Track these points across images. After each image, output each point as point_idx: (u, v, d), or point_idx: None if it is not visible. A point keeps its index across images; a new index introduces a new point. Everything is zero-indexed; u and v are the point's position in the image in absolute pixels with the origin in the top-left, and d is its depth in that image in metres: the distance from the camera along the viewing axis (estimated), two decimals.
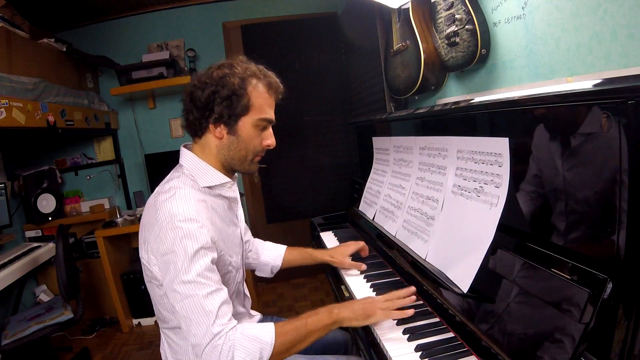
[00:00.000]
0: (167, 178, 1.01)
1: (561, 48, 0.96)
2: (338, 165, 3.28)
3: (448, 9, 1.27)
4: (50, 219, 2.75)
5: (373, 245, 1.49)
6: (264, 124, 1.00)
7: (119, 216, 2.83)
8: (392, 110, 2.01)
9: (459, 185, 1.03)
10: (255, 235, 1.45)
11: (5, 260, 2.18)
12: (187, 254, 0.86)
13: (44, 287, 2.80)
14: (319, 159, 3.27)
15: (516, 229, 0.85)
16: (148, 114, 3.16)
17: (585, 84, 0.66)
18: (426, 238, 1.11)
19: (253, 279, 2.81)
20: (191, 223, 0.88)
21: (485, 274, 0.85)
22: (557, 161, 0.73)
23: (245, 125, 0.97)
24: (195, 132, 1.00)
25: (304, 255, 1.40)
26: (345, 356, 1.24)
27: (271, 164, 3.20)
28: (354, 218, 1.79)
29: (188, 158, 1.01)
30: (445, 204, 1.08)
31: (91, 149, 3.15)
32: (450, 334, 0.92)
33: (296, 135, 3.23)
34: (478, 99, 1.01)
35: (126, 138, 3.17)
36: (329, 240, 1.77)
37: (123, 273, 2.70)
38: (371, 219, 1.54)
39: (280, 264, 1.38)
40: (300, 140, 3.25)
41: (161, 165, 2.99)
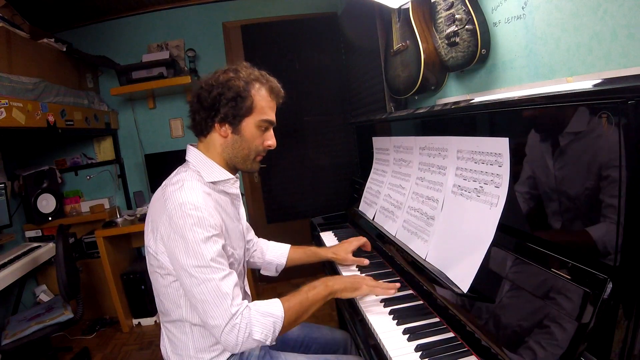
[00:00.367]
0: (174, 173, 1.07)
1: (561, 48, 0.96)
2: (338, 165, 3.27)
3: (448, 9, 1.27)
4: (50, 219, 2.75)
5: (373, 245, 1.49)
6: (266, 125, 1.07)
7: (119, 216, 2.83)
8: (392, 110, 2.01)
9: (459, 185, 1.03)
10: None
11: (5, 260, 2.18)
12: (200, 240, 0.91)
13: (44, 287, 2.80)
14: (319, 159, 3.27)
15: (516, 229, 0.85)
16: (148, 114, 3.16)
17: (585, 84, 0.66)
18: (426, 238, 1.11)
19: (253, 279, 2.81)
20: (200, 211, 0.93)
21: (485, 274, 0.85)
22: (554, 161, 0.73)
23: (249, 125, 1.04)
24: (201, 131, 1.07)
25: (308, 253, 1.43)
26: (345, 356, 1.25)
27: (271, 164, 3.19)
28: (354, 218, 1.79)
29: (194, 155, 1.07)
30: (445, 204, 1.08)
31: (91, 149, 3.15)
32: (450, 334, 0.92)
33: (296, 135, 3.23)
34: (478, 99, 1.01)
35: (126, 138, 3.17)
36: (329, 240, 1.77)
37: (123, 273, 2.70)
38: (371, 219, 1.54)
39: (284, 262, 1.40)
40: (300, 140, 3.25)
41: (161, 165, 2.99)
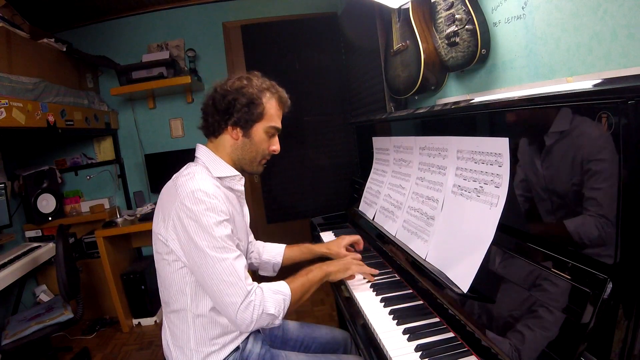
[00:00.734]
0: (185, 167, 1.12)
1: (561, 48, 0.96)
2: (338, 165, 3.27)
3: (448, 9, 1.27)
4: (50, 219, 2.75)
5: (373, 245, 1.49)
6: (273, 131, 1.15)
7: (119, 216, 2.83)
8: (392, 110, 2.01)
9: (459, 185, 1.03)
10: (256, 235, 1.47)
11: (5, 260, 2.18)
12: (213, 223, 0.97)
13: (44, 287, 2.80)
14: (319, 159, 3.27)
15: (516, 229, 0.85)
16: (148, 114, 3.16)
17: (585, 84, 0.66)
18: (426, 238, 1.11)
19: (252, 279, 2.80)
20: (212, 197, 1.00)
21: (486, 274, 0.85)
22: (541, 161, 0.73)
23: (258, 130, 1.12)
24: (212, 132, 1.14)
25: (303, 250, 1.46)
26: (345, 356, 1.25)
27: (271, 164, 3.18)
28: (354, 218, 1.79)
29: (203, 152, 1.14)
30: (445, 204, 1.08)
31: (91, 149, 3.15)
32: (450, 334, 0.92)
33: (296, 135, 3.23)
34: (478, 99, 1.01)
35: (126, 138, 3.17)
36: (329, 240, 1.77)
37: (123, 273, 2.70)
38: (371, 219, 1.54)
39: (280, 260, 1.42)
40: (300, 140, 3.25)
41: (161, 165, 2.99)
